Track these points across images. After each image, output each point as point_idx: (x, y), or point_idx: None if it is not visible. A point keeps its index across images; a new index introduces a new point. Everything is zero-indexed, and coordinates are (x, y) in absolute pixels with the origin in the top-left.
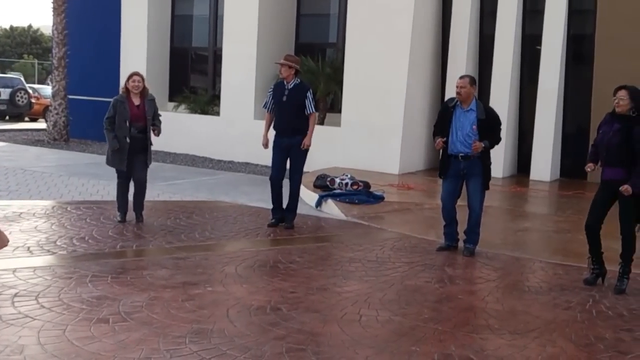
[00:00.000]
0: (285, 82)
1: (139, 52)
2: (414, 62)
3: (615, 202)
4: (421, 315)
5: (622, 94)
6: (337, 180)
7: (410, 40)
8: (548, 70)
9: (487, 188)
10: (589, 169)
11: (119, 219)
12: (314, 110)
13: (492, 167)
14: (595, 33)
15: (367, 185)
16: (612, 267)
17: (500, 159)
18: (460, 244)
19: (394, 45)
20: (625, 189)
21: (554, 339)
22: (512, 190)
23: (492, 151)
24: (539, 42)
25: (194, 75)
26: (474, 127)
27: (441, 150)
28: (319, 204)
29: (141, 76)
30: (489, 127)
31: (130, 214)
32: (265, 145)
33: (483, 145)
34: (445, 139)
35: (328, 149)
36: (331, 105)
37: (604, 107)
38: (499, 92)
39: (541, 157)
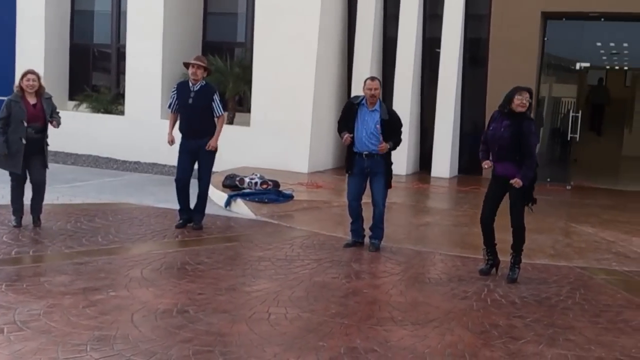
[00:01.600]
0: (190, 83)
1: (36, 48)
2: (321, 62)
3: (506, 195)
4: (328, 310)
5: (528, 95)
6: (247, 180)
7: (317, 40)
8: (447, 72)
9: (390, 186)
10: (486, 166)
11: (14, 223)
12: (222, 112)
13: (396, 164)
14: (490, 37)
15: (276, 184)
16: (505, 258)
17: (404, 157)
18: (367, 239)
19: (302, 45)
20: (516, 181)
21: (452, 327)
22: (414, 187)
23: (397, 150)
24: (439, 45)
25: (96, 73)
26: (378, 126)
27: (347, 147)
28: (228, 203)
29: (36, 74)
30: (391, 128)
31: (27, 219)
32: (171, 142)
33: (389, 147)
34: (352, 134)
35: (237, 148)
36: (240, 104)
37: (495, 106)
38: (401, 93)
39: (441, 155)
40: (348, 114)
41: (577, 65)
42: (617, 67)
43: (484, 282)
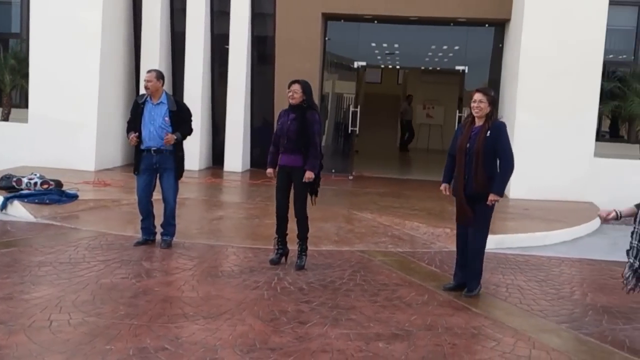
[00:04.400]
0: None
1: None
2: (105, 56)
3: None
4: (117, 312)
5: (296, 87)
6: (25, 180)
7: (100, 34)
8: (236, 69)
9: (180, 177)
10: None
11: None
12: None
13: (189, 160)
14: (275, 35)
15: (58, 183)
16: (294, 247)
17: (196, 152)
18: (158, 237)
19: (84, 38)
20: (308, 177)
21: (244, 317)
22: (207, 181)
23: (189, 145)
24: (227, 42)
25: None
26: (166, 119)
27: (135, 146)
28: (4, 206)
29: None
30: (180, 118)
31: None
32: None
33: (175, 138)
34: (137, 133)
35: (14, 146)
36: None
37: (284, 103)
38: (192, 88)
39: (233, 150)
40: (135, 114)
41: (355, 64)
42: (390, 67)
43: (274, 271)
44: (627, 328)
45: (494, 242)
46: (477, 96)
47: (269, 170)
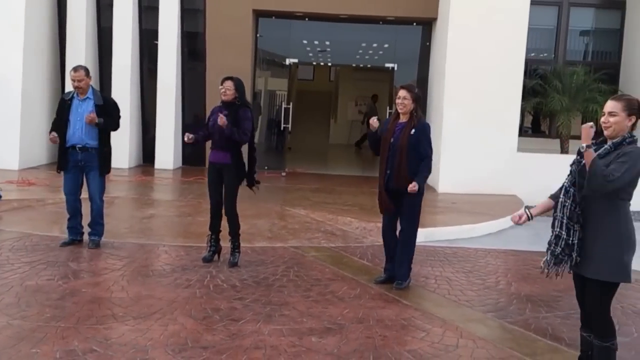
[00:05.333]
0: None
1: None
2: (29, 52)
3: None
4: (43, 315)
5: (229, 84)
6: None
7: (23, 30)
8: (166, 65)
9: (108, 172)
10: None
11: None
12: None
13: (119, 158)
14: (206, 31)
15: None
16: (227, 244)
17: (126, 150)
18: (86, 237)
19: (6, 34)
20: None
21: (175, 317)
22: (137, 179)
23: (118, 142)
24: (156, 38)
25: None
26: (93, 114)
27: (59, 144)
28: None
29: None
30: (107, 113)
31: None
32: None
33: (97, 121)
34: (56, 133)
35: None
36: None
37: (216, 99)
38: (120, 85)
39: (164, 147)
40: (62, 111)
41: (287, 61)
42: (322, 64)
43: (207, 269)
44: (549, 316)
45: (423, 235)
46: (402, 93)
47: (191, 136)
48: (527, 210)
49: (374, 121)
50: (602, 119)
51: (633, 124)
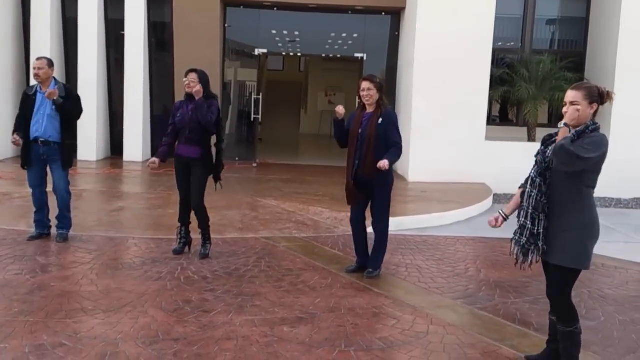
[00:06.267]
0: None
1: None
2: None
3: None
4: (11, 310)
5: (193, 76)
6: None
7: None
8: (133, 55)
9: (71, 166)
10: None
11: None
12: None
13: (86, 150)
14: (173, 21)
15: None
16: (198, 236)
17: (93, 142)
18: (54, 230)
19: None
20: (382, 164)
21: (146, 309)
22: (106, 172)
23: (85, 135)
24: (123, 28)
25: None
26: (54, 89)
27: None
28: None
29: None
30: (70, 103)
31: None
32: None
33: (56, 97)
34: (20, 135)
35: None
36: None
37: (184, 89)
38: (86, 76)
39: (132, 139)
40: (25, 107)
41: (256, 52)
42: (292, 54)
43: (177, 261)
44: (518, 301)
45: (394, 224)
46: (365, 84)
47: (153, 160)
48: (501, 212)
49: (339, 108)
50: (564, 109)
51: (595, 112)
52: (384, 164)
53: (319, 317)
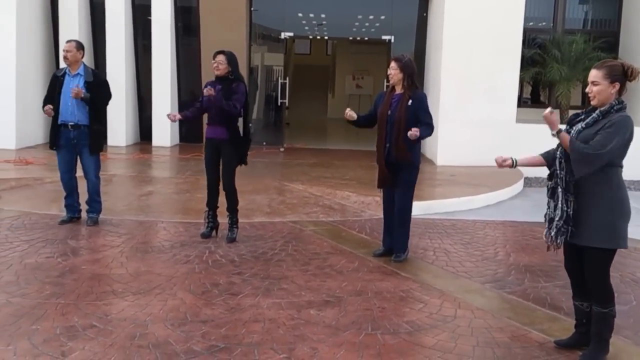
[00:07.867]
0: None
1: None
2: (22, 30)
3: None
4: (42, 292)
5: (221, 58)
6: None
7: (15, 6)
8: (160, 41)
9: (100, 150)
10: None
11: None
12: None
13: (116, 136)
14: (200, 5)
15: None
16: (225, 220)
17: (122, 128)
18: (84, 214)
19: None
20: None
21: (175, 292)
22: (135, 157)
23: (114, 121)
24: (150, 13)
25: None
26: (78, 87)
27: (52, 120)
28: None
29: None
30: (97, 88)
31: None
32: None
33: (83, 94)
34: (52, 106)
35: None
36: None
37: (211, 75)
38: (114, 62)
39: (161, 124)
40: (53, 87)
41: (283, 35)
42: (319, 37)
43: (205, 244)
44: (548, 285)
45: (422, 208)
46: (391, 64)
47: (175, 113)
48: (513, 158)
49: (349, 114)
50: (587, 89)
51: (619, 90)
52: (414, 132)
53: (345, 301)
